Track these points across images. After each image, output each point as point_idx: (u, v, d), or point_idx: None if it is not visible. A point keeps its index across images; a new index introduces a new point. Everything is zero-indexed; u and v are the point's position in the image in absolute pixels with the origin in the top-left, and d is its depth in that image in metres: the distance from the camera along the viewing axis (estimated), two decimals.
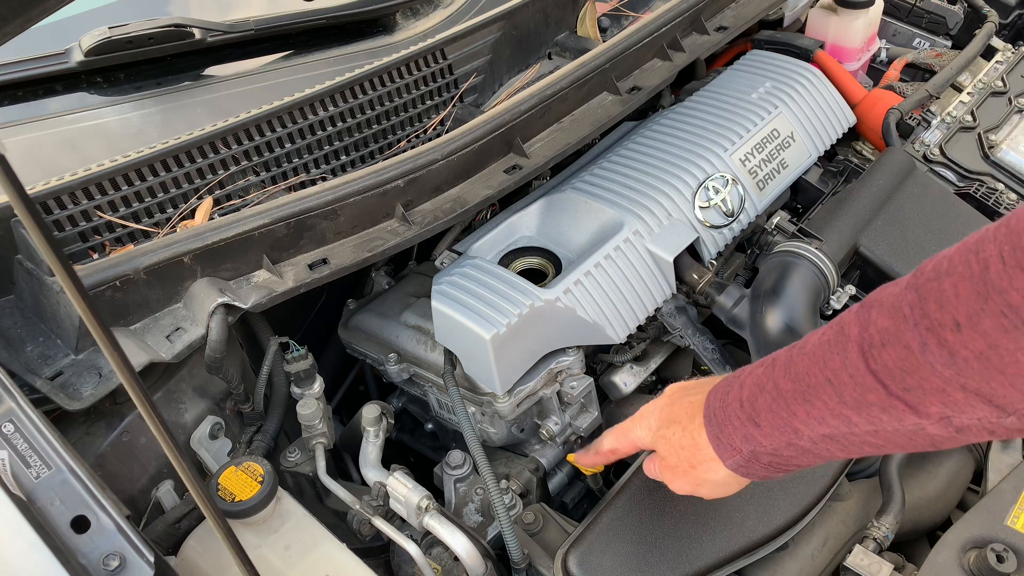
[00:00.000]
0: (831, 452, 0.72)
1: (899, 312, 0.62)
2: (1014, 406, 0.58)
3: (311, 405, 1.11)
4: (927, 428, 0.63)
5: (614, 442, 0.94)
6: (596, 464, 1.01)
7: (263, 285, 1.05)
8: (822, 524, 1.04)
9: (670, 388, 0.89)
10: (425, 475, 1.23)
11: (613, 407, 1.29)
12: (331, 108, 1.26)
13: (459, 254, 1.23)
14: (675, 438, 0.82)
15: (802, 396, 0.69)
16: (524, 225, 1.28)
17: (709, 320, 1.34)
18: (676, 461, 0.83)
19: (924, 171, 1.53)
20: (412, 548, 0.99)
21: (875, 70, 1.86)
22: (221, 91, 1.37)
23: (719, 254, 1.32)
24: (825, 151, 1.49)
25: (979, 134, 1.61)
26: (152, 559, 0.75)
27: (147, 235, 1.11)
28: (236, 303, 1.00)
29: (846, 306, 1.31)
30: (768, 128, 1.39)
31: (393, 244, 1.12)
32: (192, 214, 1.14)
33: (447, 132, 1.23)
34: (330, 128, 1.27)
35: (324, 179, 1.25)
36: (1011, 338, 0.55)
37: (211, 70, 1.39)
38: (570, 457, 1.22)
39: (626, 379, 1.26)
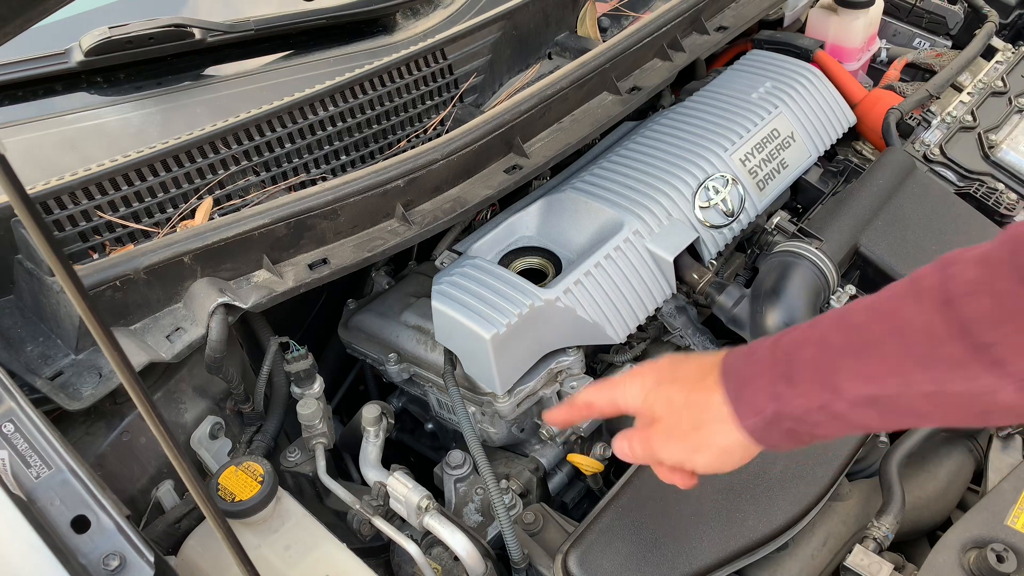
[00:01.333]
0: (865, 421, 0.65)
1: (989, 262, 0.58)
2: None
3: (311, 405, 1.11)
4: (999, 394, 0.58)
5: (591, 396, 0.82)
6: (567, 422, 0.88)
7: (263, 285, 1.05)
8: (822, 524, 1.04)
9: (668, 356, 0.79)
10: (425, 475, 1.22)
11: None
12: (331, 108, 1.26)
13: (459, 254, 1.23)
14: (678, 396, 0.72)
15: (854, 350, 0.63)
16: (524, 225, 1.28)
17: (709, 320, 1.34)
18: (676, 421, 0.72)
19: (924, 171, 1.53)
20: (412, 548, 0.99)
21: (875, 70, 1.86)
22: (221, 91, 1.37)
23: (719, 254, 1.32)
24: (825, 151, 1.49)
25: (979, 134, 1.61)
26: (152, 559, 0.75)
27: (147, 235, 1.11)
28: (236, 303, 1.00)
29: None
30: (768, 128, 1.39)
31: (393, 244, 1.12)
32: (192, 214, 1.14)
33: (447, 132, 1.23)
34: (330, 128, 1.27)
35: (324, 179, 1.25)
36: None
37: (211, 70, 1.39)
38: (570, 457, 1.23)
39: None
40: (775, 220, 1.39)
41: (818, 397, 0.65)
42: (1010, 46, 1.80)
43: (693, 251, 1.28)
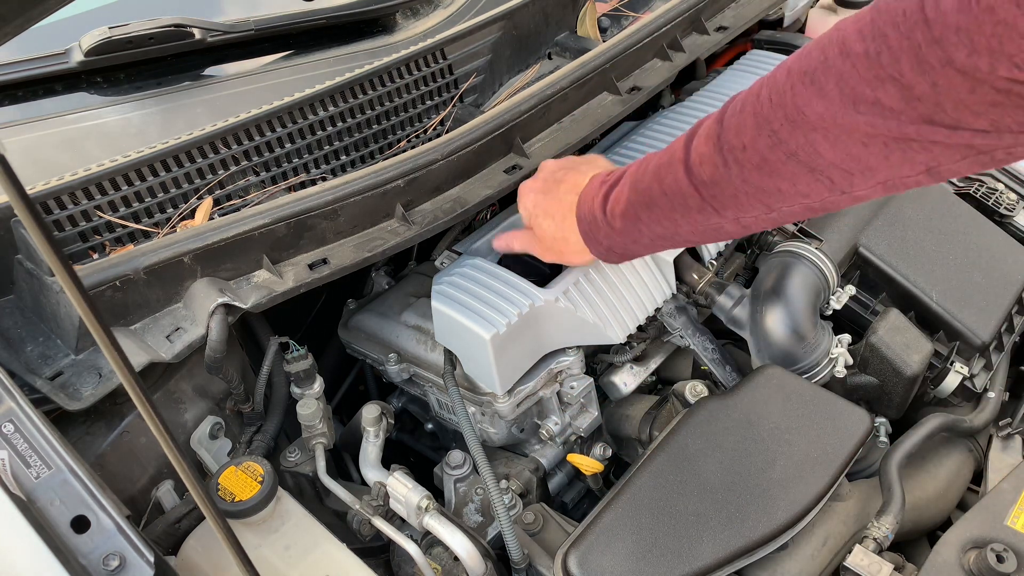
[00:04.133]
0: (661, 246, 1.00)
1: (710, 139, 0.84)
2: (775, 204, 0.83)
3: (311, 405, 1.11)
4: (724, 225, 0.89)
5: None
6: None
7: (263, 285, 1.05)
8: (822, 524, 1.04)
9: (544, 170, 1.12)
10: (425, 475, 1.23)
11: (613, 407, 1.29)
12: (331, 108, 1.26)
13: (459, 254, 1.23)
14: (550, 230, 1.06)
15: (645, 205, 0.94)
16: (524, 225, 1.28)
17: (709, 320, 1.34)
18: (550, 244, 1.08)
19: None
20: (412, 548, 0.99)
21: None
22: (221, 91, 1.37)
23: (719, 254, 1.32)
24: None
25: None
26: (152, 559, 0.75)
27: (147, 235, 1.11)
28: (236, 303, 1.00)
29: (846, 306, 1.32)
30: None
31: (393, 244, 1.12)
32: (192, 214, 1.14)
33: (447, 132, 1.23)
34: (330, 128, 1.27)
35: (324, 179, 1.25)
36: (773, 153, 0.78)
37: (211, 70, 1.39)
38: (570, 457, 1.23)
39: (626, 379, 1.26)
40: None
41: (631, 236, 0.98)
42: None
43: (693, 251, 1.28)
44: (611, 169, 1.05)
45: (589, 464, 1.21)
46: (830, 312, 1.28)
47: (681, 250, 1.23)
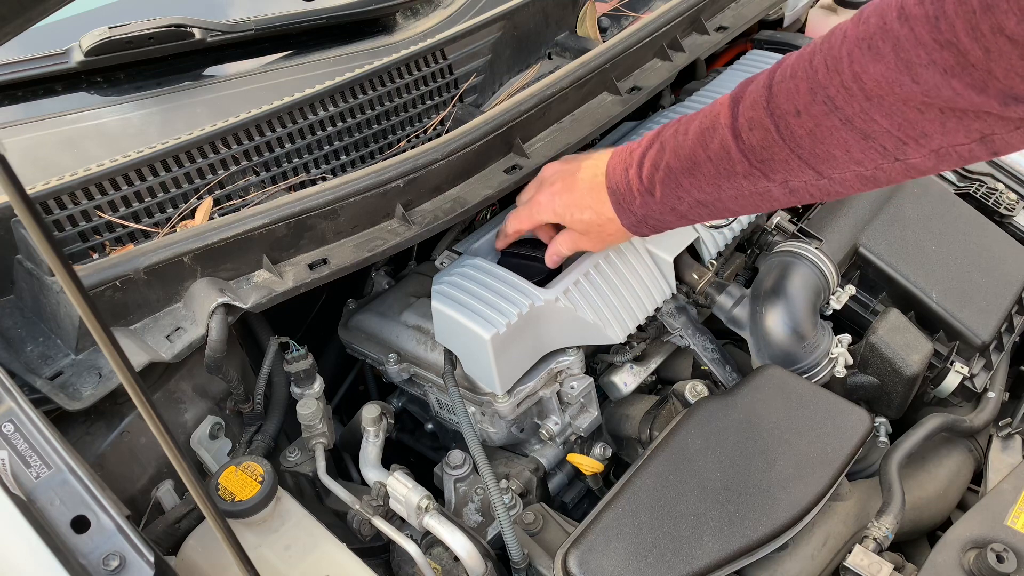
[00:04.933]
0: (700, 216, 0.98)
1: (759, 104, 0.84)
2: (827, 171, 0.83)
3: (311, 405, 1.11)
4: (772, 190, 0.88)
5: (517, 225, 1.14)
6: (507, 241, 1.18)
7: (263, 285, 1.05)
8: (822, 524, 1.04)
9: (550, 173, 1.12)
10: (425, 475, 1.23)
11: (613, 407, 1.29)
12: (331, 108, 1.26)
13: (459, 254, 1.23)
14: (590, 218, 1.05)
15: (687, 170, 0.93)
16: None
17: (709, 320, 1.34)
18: (596, 233, 1.08)
19: None
20: (412, 548, 0.99)
21: None
22: (221, 91, 1.36)
23: (719, 254, 1.32)
24: None
25: None
26: (152, 559, 0.75)
27: (147, 235, 1.11)
28: (236, 303, 1.00)
29: (846, 306, 1.32)
30: None
31: (393, 244, 1.12)
32: (192, 214, 1.14)
33: (447, 132, 1.23)
34: (330, 128, 1.27)
35: (324, 179, 1.25)
36: (828, 119, 0.78)
37: (211, 70, 1.39)
38: (570, 457, 1.23)
39: (626, 379, 1.26)
40: (775, 220, 1.39)
41: (669, 203, 0.97)
42: None
43: (693, 251, 1.28)
44: (625, 146, 1.04)
45: (589, 464, 1.21)
46: (830, 312, 1.28)
47: (681, 250, 1.23)
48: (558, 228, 1.14)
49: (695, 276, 1.26)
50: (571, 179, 1.07)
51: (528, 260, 1.19)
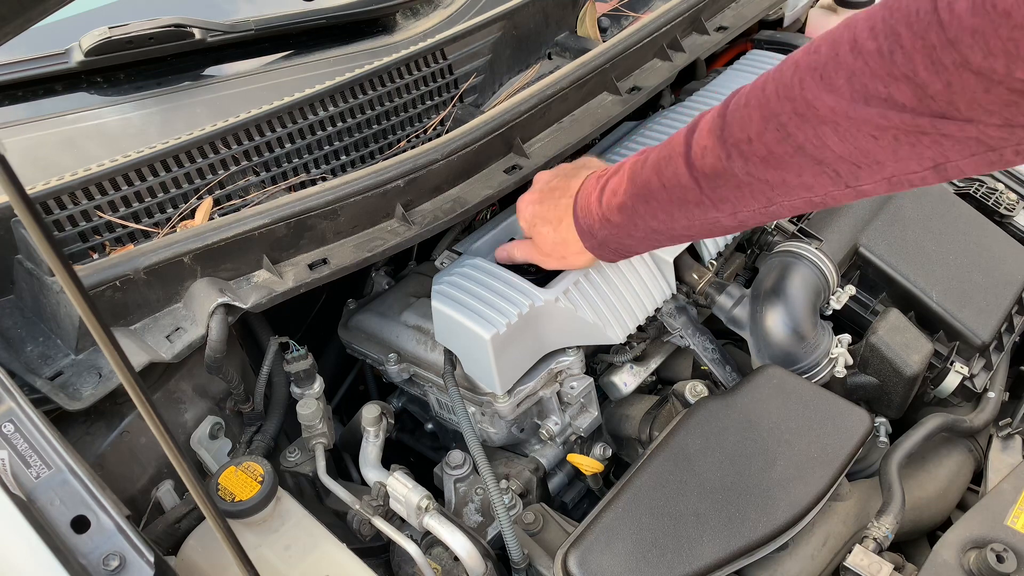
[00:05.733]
0: (656, 243, 1.00)
1: (713, 133, 0.85)
2: (777, 198, 0.83)
3: (311, 405, 1.11)
4: (721, 220, 0.89)
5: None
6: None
7: (263, 285, 1.05)
8: (822, 524, 1.04)
9: (539, 182, 1.13)
10: (425, 475, 1.23)
11: (613, 407, 1.29)
12: (331, 108, 1.26)
13: (459, 254, 1.23)
14: (549, 235, 1.07)
15: (643, 198, 0.94)
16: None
17: (709, 320, 1.34)
18: (550, 250, 1.09)
19: None
20: (412, 548, 0.99)
21: None
22: (221, 91, 1.37)
23: (719, 254, 1.32)
24: None
25: None
26: (152, 559, 0.75)
27: (147, 235, 1.11)
28: (236, 303, 1.00)
29: (846, 306, 1.32)
30: None
31: (393, 244, 1.12)
32: (192, 214, 1.14)
33: (447, 132, 1.23)
34: (330, 128, 1.27)
35: (324, 179, 1.25)
36: (781, 146, 0.78)
37: (211, 70, 1.39)
38: (570, 457, 1.23)
39: (626, 379, 1.26)
40: None
41: (626, 230, 0.98)
42: None
43: (693, 251, 1.28)
44: (606, 167, 1.05)
45: (589, 464, 1.21)
46: (830, 312, 1.28)
47: (681, 250, 1.23)
48: None
49: (695, 276, 1.26)
50: (548, 193, 1.09)
51: (515, 263, 1.19)
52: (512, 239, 1.22)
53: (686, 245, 1.24)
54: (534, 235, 1.10)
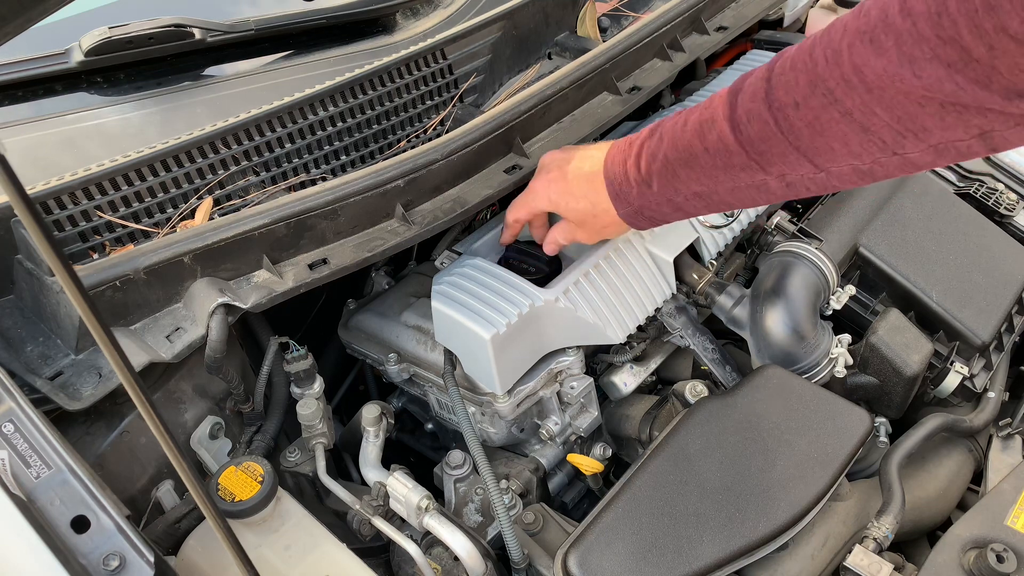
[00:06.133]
0: (696, 209, 0.98)
1: (758, 96, 0.84)
2: (824, 164, 0.83)
3: (311, 405, 1.11)
4: (768, 183, 0.88)
5: (516, 214, 1.15)
6: (512, 238, 1.20)
7: (263, 285, 1.05)
8: (822, 524, 1.04)
9: (548, 161, 1.11)
10: (425, 475, 1.23)
11: (613, 407, 1.29)
12: (331, 108, 1.26)
13: (459, 254, 1.23)
14: (585, 208, 1.05)
15: (684, 162, 0.93)
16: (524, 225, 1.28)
17: (709, 320, 1.34)
18: (590, 224, 1.07)
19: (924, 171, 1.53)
20: (412, 548, 0.99)
21: None
22: (221, 91, 1.36)
23: (719, 254, 1.32)
24: None
25: None
26: (152, 559, 0.75)
27: (147, 235, 1.11)
28: (236, 303, 1.00)
29: (846, 306, 1.32)
30: None
31: (393, 244, 1.12)
32: (192, 214, 1.14)
33: (447, 132, 1.23)
34: (330, 128, 1.27)
35: (324, 179, 1.25)
36: (827, 112, 0.78)
37: (211, 70, 1.39)
38: (570, 457, 1.23)
39: (626, 379, 1.26)
40: (775, 220, 1.39)
41: (666, 195, 0.97)
42: None
43: (693, 251, 1.28)
44: (626, 137, 1.04)
45: (589, 464, 1.21)
46: (830, 312, 1.28)
47: (681, 250, 1.23)
48: (555, 221, 1.14)
49: (695, 276, 1.26)
50: (567, 168, 1.07)
51: (528, 260, 1.19)
52: (512, 246, 1.22)
53: (687, 245, 1.24)
54: (567, 212, 1.08)
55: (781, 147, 0.84)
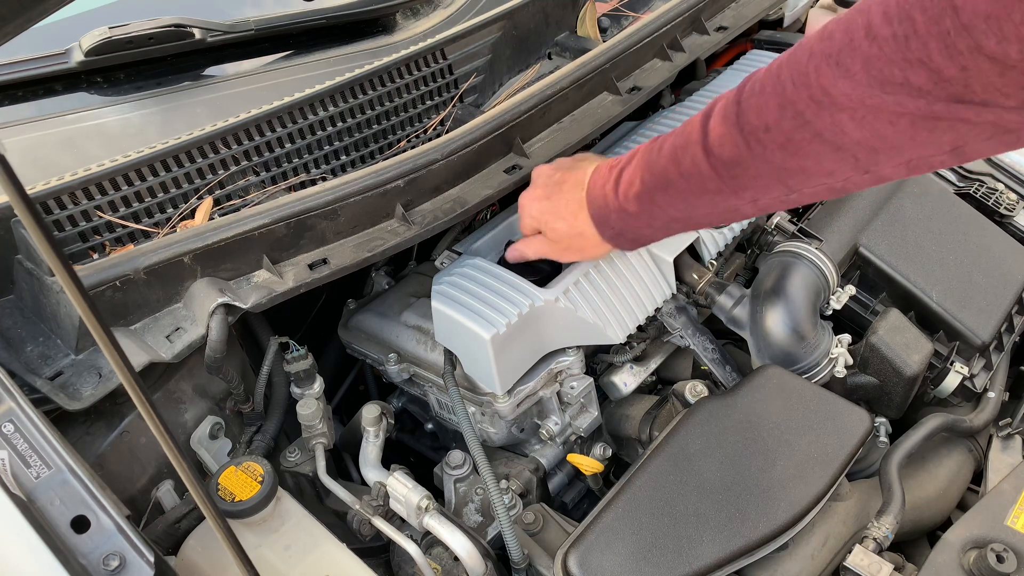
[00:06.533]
0: (675, 229, 1.01)
1: (729, 120, 0.84)
2: (797, 185, 0.83)
3: (311, 405, 1.11)
4: (741, 207, 0.90)
5: (522, 228, 1.14)
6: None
7: (263, 285, 1.05)
8: (822, 524, 1.04)
9: (537, 176, 1.12)
10: (425, 475, 1.23)
11: (613, 407, 1.29)
12: (331, 108, 1.26)
13: (459, 254, 1.23)
14: (564, 229, 1.07)
15: (661, 187, 0.94)
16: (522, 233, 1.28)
17: (709, 320, 1.34)
18: (567, 244, 1.08)
19: None
20: (412, 548, 0.99)
21: None
22: (221, 91, 1.37)
23: (719, 254, 1.32)
24: None
25: None
26: (152, 559, 0.75)
27: (147, 235, 1.11)
28: (236, 303, 1.00)
29: (846, 306, 1.32)
30: None
31: (393, 244, 1.12)
32: (192, 214, 1.14)
33: (447, 132, 1.23)
34: (330, 128, 1.27)
35: (324, 179, 1.25)
36: (799, 133, 0.78)
37: (211, 70, 1.39)
38: (570, 457, 1.23)
39: (626, 379, 1.26)
40: (775, 220, 1.39)
41: (644, 219, 0.98)
42: None
43: (693, 251, 1.28)
44: (609, 160, 1.05)
45: (589, 464, 1.21)
46: (830, 312, 1.28)
47: (681, 250, 1.23)
48: None
49: (695, 276, 1.26)
50: (554, 188, 1.08)
51: (528, 260, 1.19)
52: (509, 241, 1.22)
53: (687, 245, 1.24)
54: (547, 231, 1.09)
55: (754, 170, 0.84)
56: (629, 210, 0.98)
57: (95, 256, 1.08)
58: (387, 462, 1.14)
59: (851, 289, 1.30)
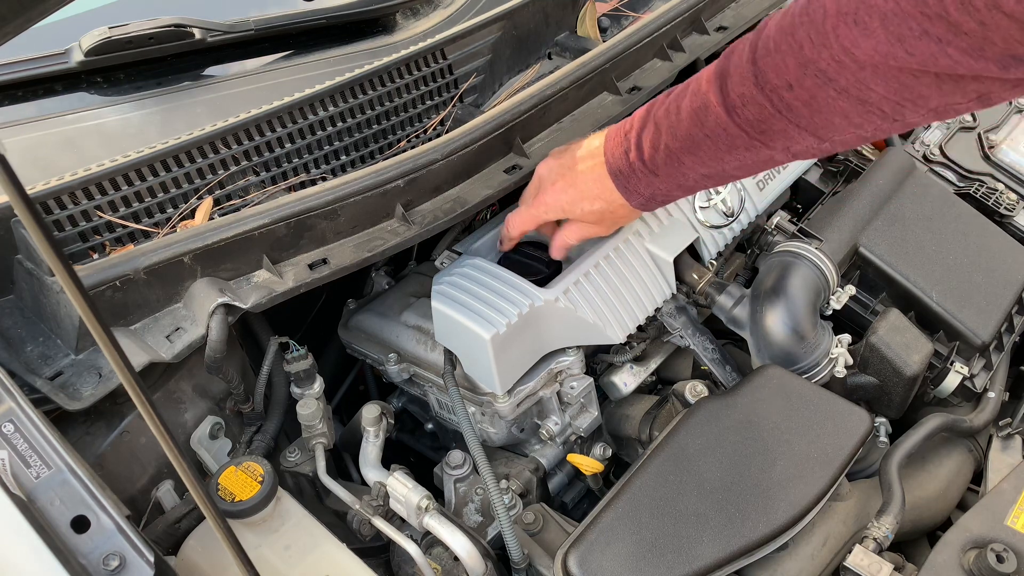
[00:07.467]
0: (708, 185, 1.01)
1: (747, 80, 0.85)
2: (827, 135, 0.85)
3: (311, 405, 1.11)
4: (775, 156, 0.91)
5: (522, 226, 1.15)
6: (512, 243, 1.19)
7: (263, 285, 1.05)
8: (822, 524, 1.04)
9: (547, 171, 1.11)
10: (425, 475, 1.23)
11: (613, 407, 1.29)
12: (331, 108, 1.26)
13: (459, 254, 1.23)
14: (596, 207, 1.06)
15: (688, 149, 0.94)
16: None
17: (709, 320, 1.34)
18: (609, 220, 1.10)
19: (924, 171, 1.53)
20: (412, 548, 0.99)
21: None
22: (221, 91, 1.37)
23: (719, 254, 1.32)
24: None
25: (979, 134, 1.61)
26: (152, 559, 0.75)
27: (147, 235, 1.11)
28: (236, 303, 1.00)
29: (846, 306, 1.32)
30: None
31: (393, 244, 1.12)
32: (192, 214, 1.14)
33: (447, 132, 1.23)
34: (330, 128, 1.27)
35: (324, 179, 1.25)
36: (823, 91, 0.79)
37: (211, 70, 1.39)
38: (570, 457, 1.23)
39: (626, 379, 1.26)
40: (775, 220, 1.39)
41: (675, 180, 0.99)
42: None
43: (693, 251, 1.28)
44: (611, 130, 1.05)
45: (589, 464, 1.21)
46: (830, 312, 1.28)
47: (681, 250, 1.23)
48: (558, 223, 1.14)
49: (695, 276, 1.26)
50: (571, 174, 1.07)
51: (528, 260, 1.19)
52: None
53: (687, 245, 1.24)
54: (581, 215, 1.09)
55: (781, 125, 0.85)
56: (658, 175, 0.98)
57: (95, 256, 1.08)
58: (387, 462, 1.14)
59: (851, 289, 1.30)
